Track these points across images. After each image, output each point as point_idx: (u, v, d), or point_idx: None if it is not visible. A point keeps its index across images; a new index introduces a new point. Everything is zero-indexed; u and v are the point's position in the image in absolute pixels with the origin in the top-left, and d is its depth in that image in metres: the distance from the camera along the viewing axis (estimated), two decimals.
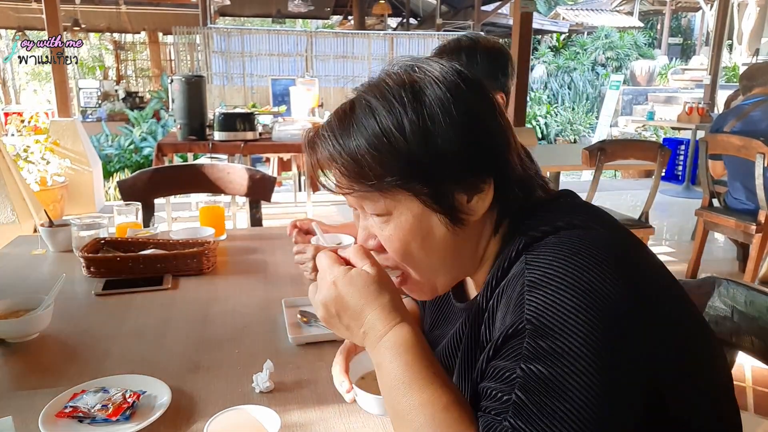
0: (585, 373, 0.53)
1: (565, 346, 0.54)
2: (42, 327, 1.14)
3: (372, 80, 0.70)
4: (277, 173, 5.97)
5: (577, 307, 0.55)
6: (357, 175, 0.66)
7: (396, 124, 0.64)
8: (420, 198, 0.66)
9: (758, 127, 3.31)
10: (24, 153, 4.88)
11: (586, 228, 0.64)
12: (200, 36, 10.58)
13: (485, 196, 0.68)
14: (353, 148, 0.66)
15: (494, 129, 0.69)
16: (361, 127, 0.66)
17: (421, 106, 0.65)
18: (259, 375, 0.95)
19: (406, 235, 0.68)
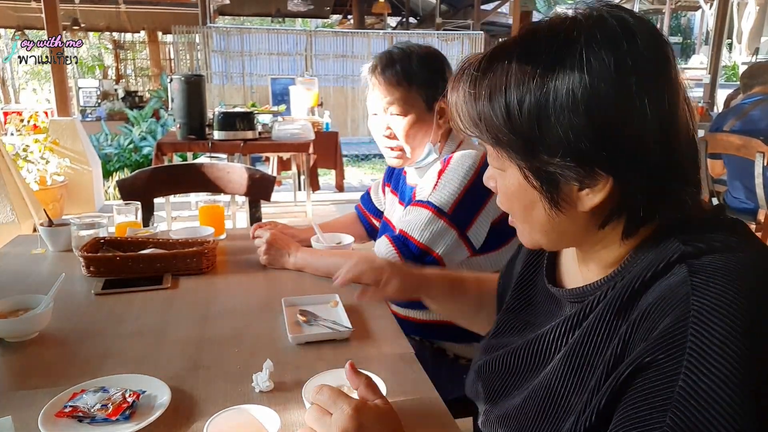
0: (737, 426, 0.49)
1: (725, 396, 0.50)
2: (41, 326, 1.14)
3: (538, 23, 0.66)
4: (277, 172, 5.97)
5: (743, 355, 0.50)
6: (474, 126, 0.68)
7: (518, 97, 0.62)
8: (522, 170, 0.66)
9: (758, 126, 3.31)
10: (23, 152, 4.88)
11: (753, 253, 0.59)
12: (200, 35, 10.58)
13: (598, 191, 0.62)
14: (477, 108, 0.66)
15: (633, 131, 0.60)
16: (490, 88, 0.65)
17: (550, 78, 0.60)
18: (258, 374, 0.95)
19: (510, 196, 0.69)
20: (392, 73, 1.41)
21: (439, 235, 1.34)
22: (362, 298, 1.14)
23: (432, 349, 1.49)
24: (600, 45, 0.59)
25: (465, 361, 1.49)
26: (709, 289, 0.54)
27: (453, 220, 1.34)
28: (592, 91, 0.59)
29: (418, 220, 1.36)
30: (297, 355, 1.08)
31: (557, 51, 0.61)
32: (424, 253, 1.35)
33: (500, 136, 0.65)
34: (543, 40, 0.63)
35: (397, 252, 1.35)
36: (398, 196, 1.62)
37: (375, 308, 1.29)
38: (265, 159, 6.40)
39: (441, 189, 1.36)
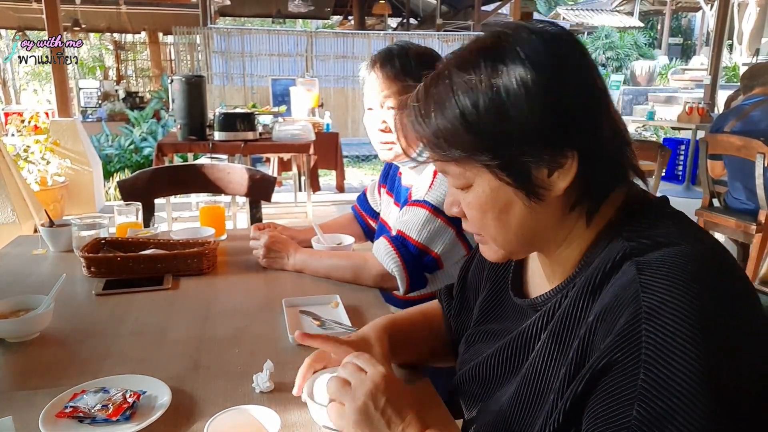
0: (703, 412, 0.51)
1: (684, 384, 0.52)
2: (42, 327, 1.14)
3: (461, 48, 0.70)
4: (277, 173, 5.97)
5: (696, 342, 0.53)
6: (434, 147, 0.68)
7: (471, 100, 0.65)
8: (493, 171, 0.66)
9: (758, 127, 3.31)
10: (24, 153, 4.88)
11: (695, 245, 0.61)
12: (200, 36, 10.59)
13: (567, 170, 0.65)
14: (432, 123, 0.68)
15: (581, 100, 0.65)
16: (440, 103, 0.67)
17: (498, 77, 0.64)
18: (259, 375, 0.95)
19: (483, 207, 0.69)
20: (390, 68, 1.41)
21: (437, 234, 1.35)
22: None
23: None
24: (530, 40, 0.65)
25: None
26: (657, 285, 0.57)
27: (450, 218, 1.34)
28: (539, 78, 0.63)
29: (415, 219, 1.36)
30: (297, 355, 1.07)
31: (494, 55, 0.65)
32: (422, 252, 1.35)
33: (464, 143, 0.66)
34: (474, 52, 0.67)
35: (396, 252, 1.35)
36: (393, 197, 1.62)
37: (376, 309, 1.29)
38: (266, 160, 6.40)
39: (437, 188, 1.36)
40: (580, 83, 0.66)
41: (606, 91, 0.68)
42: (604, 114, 0.67)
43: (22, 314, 1.14)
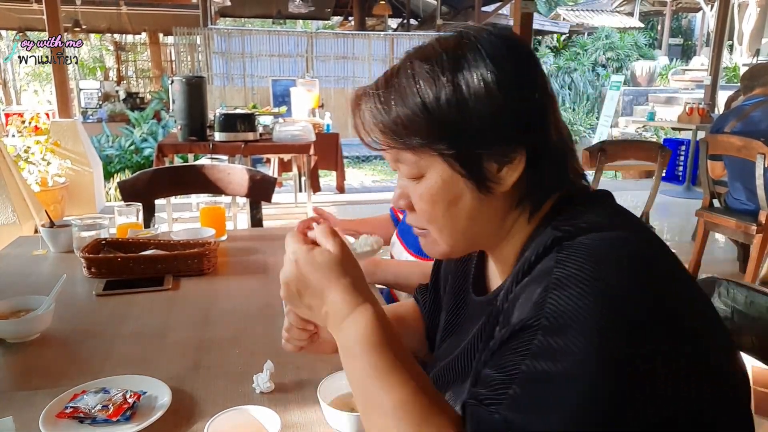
0: (590, 377, 0.52)
1: (576, 348, 0.53)
2: (43, 327, 1.14)
3: (423, 43, 0.72)
4: (278, 174, 5.97)
5: (597, 312, 0.54)
6: (392, 134, 0.70)
7: (434, 91, 0.67)
8: (447, 161, 0.68)
9: (758, 127, 3.31)
10: (25, 154, 4.88)
11: (620, 231, 0.63)
12: (201, 37, 10.59)
13: (515, 167, 0.68)
14: (392, 111, 0.69)
15: (533, 101, 0.69)
16: (401, 91, 0.69)
17: (460, 72, 0.67)
18: (259, 375, 0.95)
19: (434, 197, 0.71)
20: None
21: None
22: None
23: None
24: (492, 41, 0.68)
25: None
26: (569, 261, 0.59)
27: None
28: (499, 76, 0.66)
29: None
30: (297, 356, 1.07)
31: (456, 51, 0.68)
32: None
33: (422, 131, 0.68)
34: (437, 48, 0.70)
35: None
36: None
37: None
38: (266, 160, 6.40)
39: None
40: (536, 86, 0.69)
41: (555, 98, 0.72)
42: (553, 118, 0.71)
43: (23, 315, 1.14)
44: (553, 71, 14.62)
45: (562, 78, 14.49)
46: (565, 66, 14.70)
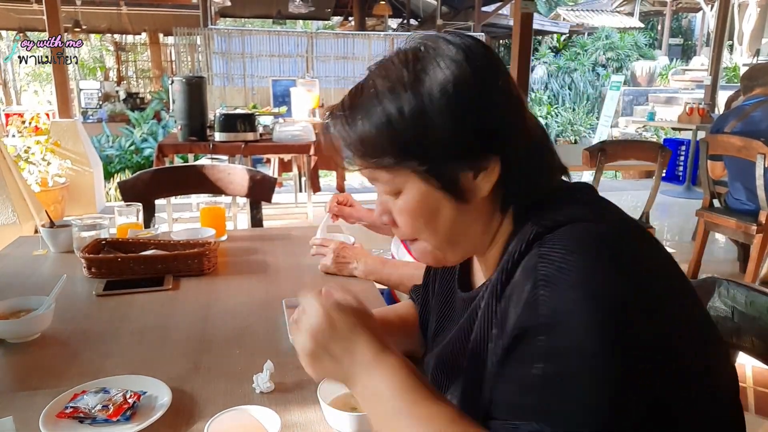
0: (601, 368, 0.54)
1: (580, 344, 0.55)
2: (43, 327, 1.14)
3: (383, 59, 0.72)
4: (278, 174, 5.97)
5: (589, 305, 0.56)
6: (363, 154, 0.70)
7: (397, 107, 0.67)
8: (421, 176, 0.68)
9: (759, 127, 3.31)
10: (25, 154, 4.88)
11: (600, 222, 0.64)
12: (201, 37, 10.59)
13: (490, 173, 0.68)
14: (358, 131, 0.69)
15: (499, 107, 0.68)
16: (365, 110, 0.69)
17: (421, 85, 0.67)
18: (259, 375, 0.95)
19: (413, 212, 0.71)
20: None
21: None
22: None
23: None
24: (448, 51, 0.68)
25: None
26: (552, 255, 0.60)
27: None
28: (459, 87, 0.66)
29: None
30: (297, 356, 1.08)
31: (415, 65, 0.68)
32: None
33: (391, 150, 0.68)
34: (396, 63, 0.70)
35: None
36: None
37: (376, 308, 1.29)
38: (266, 160, 6.40)
39: None
40: (498, 92, 0.69)
41: (522, 99, 0.72)
42: (522, 121, 0.70)
43: (23, 315, 1.14)
44: (553, 71, 14.62)
45: (562, 78, 14.48)
46: (565, 66, 14.70)
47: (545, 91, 14.18)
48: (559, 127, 12.91)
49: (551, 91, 14.23)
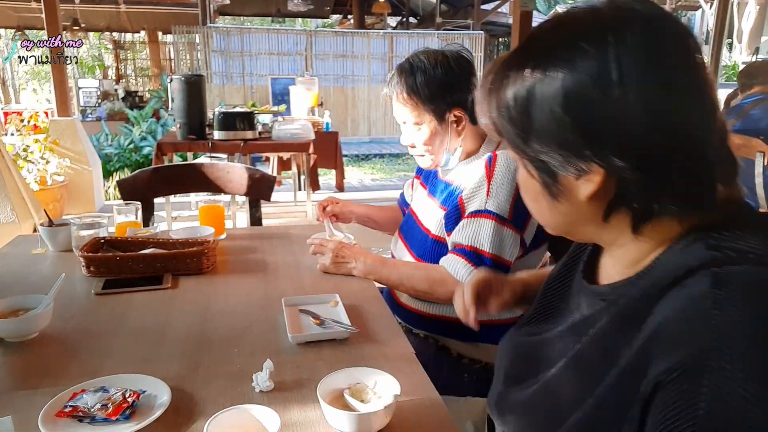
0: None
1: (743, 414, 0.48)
2: (41, 326, 1.14)
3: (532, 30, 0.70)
4: (277, 172, 5.97)
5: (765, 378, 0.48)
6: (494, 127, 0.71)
7: (514, 94, 0.65)
8: (523, 162, 0.70)
9: (758, 125, 3.31)
10: (23, 152, 4.88)
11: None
12: (200, 35, 10.58)
13: (591, 180, 0.62)
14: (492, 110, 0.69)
15: (618, 122, 0.59)
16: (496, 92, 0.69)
17: (539, 75, 0.63)
18: (259, 374, 0.95)
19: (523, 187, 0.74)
20: (401, 89, 1.45)
21: (506, 242, 1.35)
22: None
23: (436, 347, 1.49)
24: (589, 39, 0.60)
25: (468, 360, 1.48)
26: (734, 308, 0.51)
27: (514, 224, 1.36)
28: (573, 86, 0.60)
29: (484, 232, 1.36)
30: (297, 355, 1.08)
31: (545, 50, 0.64)
32: (497, 263, 1.35)
33: (502, 130, 0.68)
34: (535, 42, 0.67)
35: (476, 269, 1.33)
36: (428, 189, 1.62)
37: (375, 308, 1.29)
38: (265, 159, 6.40)
39: (495, 195, 1.36)
40: (625, 103, 0.58)
41: (674, 112, 0.59)
42: (659, 138, 0.59)
43: (22, 314, 1.14)
44: None
45: None
46: None
47: None
48: None
49: None
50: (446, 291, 1.36)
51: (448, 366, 1.47)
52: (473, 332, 1.47)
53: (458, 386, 1.46)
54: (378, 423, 0.84)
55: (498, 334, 1.48)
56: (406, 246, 1.60)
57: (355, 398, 0.89)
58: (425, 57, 1.45)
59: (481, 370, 1.49)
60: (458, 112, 1.45)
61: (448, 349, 1.50)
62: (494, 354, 1.47)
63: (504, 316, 1.45)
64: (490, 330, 1.47)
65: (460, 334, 1.48)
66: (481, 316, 0.99)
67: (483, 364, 1.49)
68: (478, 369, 1.49)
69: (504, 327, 1.48)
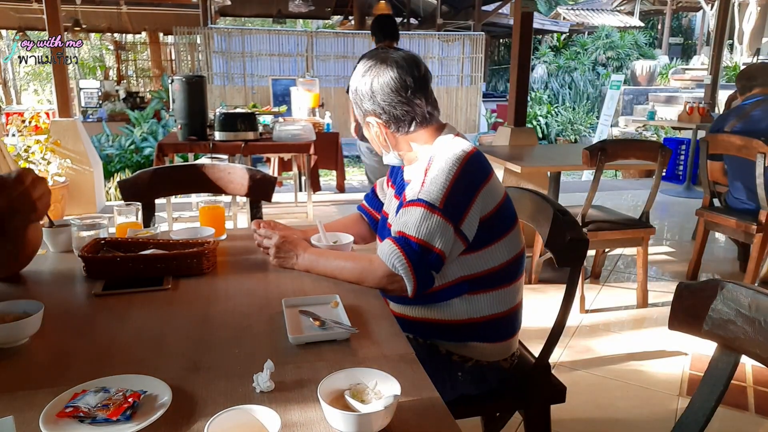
0: None
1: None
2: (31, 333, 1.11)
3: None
4: (278, 173, 5.97)
5: None
6: None
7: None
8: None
9: (759, 126, 3.31)
10: (25, 153, 4.89)
11: None
12: (201, 36, 10.59)
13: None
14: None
15: None
16: None
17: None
18: (259, 375, 0.95)
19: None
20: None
21: (435, 230, 1.35)
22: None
23: (426, 345, 1.50)
24: None
25: (457, 357, 1.49)
26: None
27: (445, 213, 1.35)
28: None
29: (413, 218, 1.36)
30: (297, 355, 1.08)
31: None
32: (424, 249, 1.34)
33: None
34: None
35: (401, 251, 1.34)
36: (395, 189, 1.64)
37: (375, 308, 1.29)
38: (266, 160, 6.40)
39: (429, 185, 1.37)
40: None
41: None
42: None
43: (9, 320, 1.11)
44: (554, 71, 14.62)
45: (562, 77, 14.48)
46: (565, 65, 14.70)
47: (545, 90, 14.18)
48: (559, 126, 12.91)
49: (551, 90, 14.23)
50: (374, 276, 1.39)
51: (442, 366, 1.48)
52: (460, 333, 1.47)
53: (453, 385, 1.47)
54: (378, 423, 0.84)
55: (483, 333, 1.49)
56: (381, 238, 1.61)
57: (356, 399, 0.89)
58: (362, 62, 1.52)
59: (473, 368, 1.49)
60: (372, 117, 1.50)
61: (436, 347, 1.50)
62: (482, 352, 1.48)
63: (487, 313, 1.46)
64: (471, 329, 1.47)
65: (447, 335, 1.49)
66: None
67: (474, 361, 1.49)
68: (471, 367, 1.49)
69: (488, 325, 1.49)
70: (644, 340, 2.95)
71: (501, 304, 1.48)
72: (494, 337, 1.51)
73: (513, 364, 1.57)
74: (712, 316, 0.98)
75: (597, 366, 2.67)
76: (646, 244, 3.24)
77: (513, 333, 1.56)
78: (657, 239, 4.81)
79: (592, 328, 3.10)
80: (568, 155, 4.24)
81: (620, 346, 2.87)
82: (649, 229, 3.23)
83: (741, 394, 2.43)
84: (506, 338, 1.54)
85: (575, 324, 3.11)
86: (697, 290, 1.01)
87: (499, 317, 1.49)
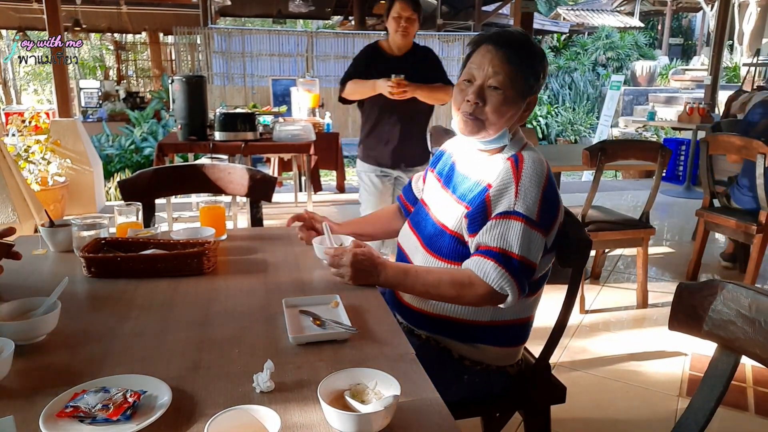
0: None
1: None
2: (50, 328, 1.13)
3: None
4: (278, 173, 5.97)
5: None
6: None
7: None
8: None
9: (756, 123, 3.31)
10: (25, 153, 4.88)
11: None
12: (201, 36, 10.58)
13: None
14: None
15: None
16: None
17: None
18: (259, 375, 0.95)
19: None
20: (510, 51, 1.41)
21: (534, 245, 1.35)
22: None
23: (438, 348, 1.49)
24: None
25: (469, 362, 1.48)
26: None
27: (541, 225, 1.36)
28: None
29: (513, 233, 1.34)
30: (297, 355, 1.08)
31: None
32: (524, 265, 1.34)
33: None
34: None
35: (507, 272, 1.32)
36: (442, 182, 1.59)
37: (375, 308, 1.29)
38: (266, 160, 6.40)
39: (524, 196, 1.36)
40: None
41: None
42: None
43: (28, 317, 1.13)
44: (554, 71, 14.61)
45: (563, 78, 14.47)
46: (565, 66, 14.69)
47: (545, 90, 14.16)
48: (559, 126, 12.90)
49: (551, 90, 14.22)
50: (475, 294, 1.35)
51: (450, 368, 1.47)
52: (474, 334, 1.47)
53: (458, 388, 1.46)
54: (378, 423, 0.84)
55: (497, 336, 1.48)
56: (418, 239, 1.56)
57: (356, 399, 0.89)
58: (530, 37, 1.49)
59: (481, 372, 1.49)
60: (533, 99, 1.48)
61: (449, 351, 1.49)
62: (493, 356, 1.48)
63: (509, 318, 1.46)
64: (487, 331, 1.47)
65: (461, 335, 1.48)
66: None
67: (484, 366, 1.49)
68: (479, 371, 1.49)
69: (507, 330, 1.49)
70: (644, 340, 2.95)
71: (524, 310, 1.49)
72: (508, 342, 1.52)
73: (518, 370, 1.57)
74: (712, 317, 0.98)
75: (597, 366, 2.67)
76: (646, 244, 3.24)
77: (525, 340, 1.57)
78: (657, 240, 4.81)
79: (592, 328, 3.10)
80: (568, 156, 4.23)
81: (620, 347, 2.87)
82: (649, 230, 3.23)
83: (741, 394, 2.43)
84: (518, 344, 1.55)
85: (575, 324, 3.11)
86: (697, 291, 1.01)
87: (517, 323, 1.49)
